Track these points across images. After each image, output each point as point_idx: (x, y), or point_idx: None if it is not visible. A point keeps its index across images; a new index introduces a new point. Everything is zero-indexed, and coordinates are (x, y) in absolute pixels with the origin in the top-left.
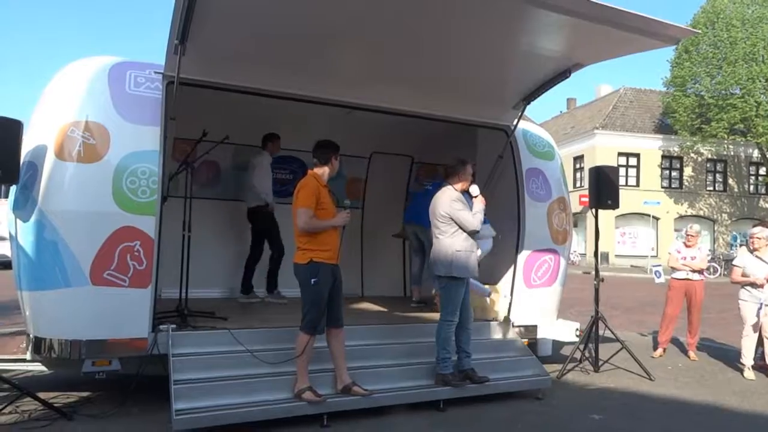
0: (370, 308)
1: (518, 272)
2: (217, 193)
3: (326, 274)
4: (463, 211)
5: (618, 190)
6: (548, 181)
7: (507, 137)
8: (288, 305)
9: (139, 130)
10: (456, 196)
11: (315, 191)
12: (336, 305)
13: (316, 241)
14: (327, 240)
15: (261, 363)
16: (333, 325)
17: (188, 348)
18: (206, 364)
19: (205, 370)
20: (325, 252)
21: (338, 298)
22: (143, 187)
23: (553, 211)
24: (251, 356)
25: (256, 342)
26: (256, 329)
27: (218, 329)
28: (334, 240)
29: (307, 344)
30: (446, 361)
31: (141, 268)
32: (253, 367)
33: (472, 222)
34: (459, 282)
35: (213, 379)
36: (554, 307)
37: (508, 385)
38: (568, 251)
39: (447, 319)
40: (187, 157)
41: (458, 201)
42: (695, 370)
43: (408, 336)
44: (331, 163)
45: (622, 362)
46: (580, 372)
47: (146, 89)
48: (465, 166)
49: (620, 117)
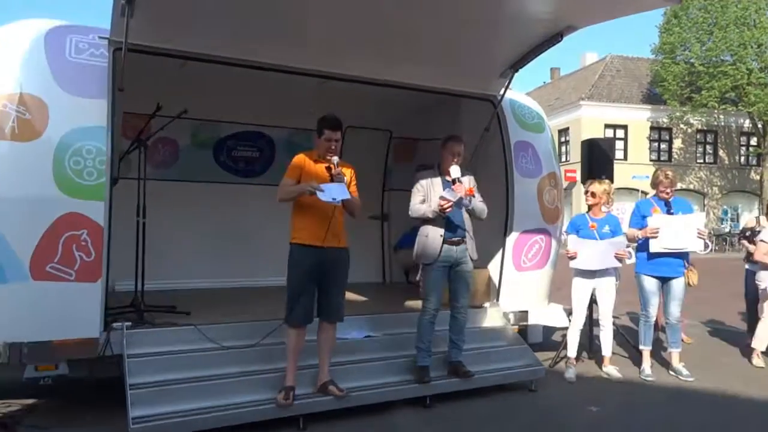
0: (348, 297)
1: (507, 254)
2: (176, 174)
3: (303, 257)
4: (413, 196)
5: (613, 164)
6: (538, 155)
7: (494, 108)
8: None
9: (83, 103)
10: (420, 180)
11: (299, 164)
12: (327, 296)
13: (295, 219)
14: (306, 218)
15: (230, 362)
16: (324, 318)
17: (146, 347)
18: (167, 365)
19: (165, 371)
20: (302, 231)
21: (332, 287)
22: (89, 168)
23: (544, 188)
24: (219, 354)
25: (224, 338)
26: (224, 324)
27: (180, 325)
28: (316, 218)
29: (290, 338)
30: (420, 352)
31: (89, 260)
32: (221, 367)
33: (411, 209)
34: (428, 268)
35: (175, 381)
36: (545, 291)
37: (499, 378)
38: (559, 231)
39: (423, 307)
40: (140, 133)
41: (418, 185)
42: (693, 353)
43: (390, 326)
44: (320, 140)
45: (619, 347)
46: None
47: (90, 57)
48: (445, 144)
49: (607, 87)
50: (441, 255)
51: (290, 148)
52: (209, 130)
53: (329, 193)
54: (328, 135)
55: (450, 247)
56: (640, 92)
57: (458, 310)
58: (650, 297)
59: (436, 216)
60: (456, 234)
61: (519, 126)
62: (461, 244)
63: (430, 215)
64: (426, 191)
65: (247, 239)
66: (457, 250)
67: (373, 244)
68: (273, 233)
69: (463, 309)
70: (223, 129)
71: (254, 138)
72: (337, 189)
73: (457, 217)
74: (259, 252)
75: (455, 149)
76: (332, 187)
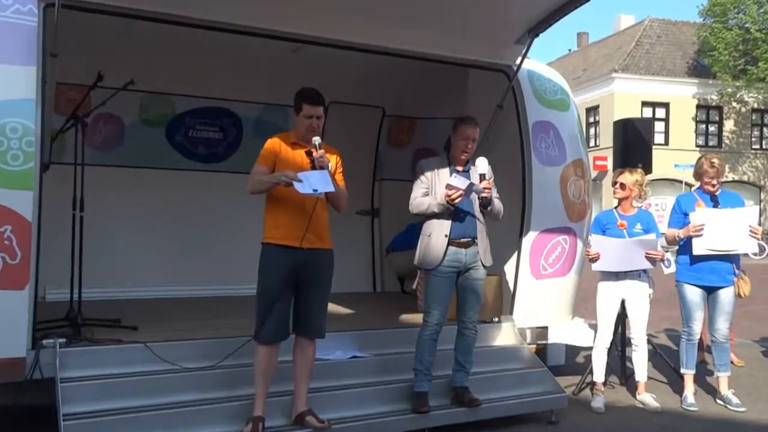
0: (331, 309)
1: (523, 258)
2: (120, 159)
3: (277, 260)
4: (414, 189)
5: (651, 149)
6: (562, 139)
7: (508, 81)
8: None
9: (6, 71)
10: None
11: (273, 148)
12: (306, 307)
13: (268, 215)
14: (281, 214)
15: (186, 387)
16: (302, 334)
17: (84, 369)
18: (109, 391)
19: (107, 398)
20: (276, 229)
21: (312, 297)
22: (14, 150)
23: (569, 178)
24: (173, 378)
25: (179, 358)
26: (180, 341)
27: (126, 342)
28: (293, 214)
29: (259, 358)
30: (418, 376)
31: (14, 263)
32: (176, 393)
33: (412, 204)
34: (430, 274)
35: (119, 411)
36: (569, 303)
37: (512, 407)
38: (586, 229)
39: (423, 321)
40: (77, 109)
41: (421, 175)
42: (745, 377)
43: (382, 344)
44: (298, 117)
45: (656, 371)
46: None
47: (15, 14)
48: (457, 128)
49: (645, 56)
50: (446, 259)
51: (260, 127)
52: (161, 105)
53: (309, 184)
54: (307, 111)
55: (458, 250)
56: (684, 63)
57: (466, 325)
58: (693, 310)
59: (443, 209)
60: (465, 233)
61: (539, 103)
62: (472, 246)
63: (436, 209)
64: (431, 183)
65: (209, 238)
66: (466, 253)
67: (362, 244)
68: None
69: (472, 324)
70: (178, 104)
71: (217, 115)
72: (319, 178)
73: (468, 213)
74: (224, 254)
75: (468, 133)
76: (313, 175)
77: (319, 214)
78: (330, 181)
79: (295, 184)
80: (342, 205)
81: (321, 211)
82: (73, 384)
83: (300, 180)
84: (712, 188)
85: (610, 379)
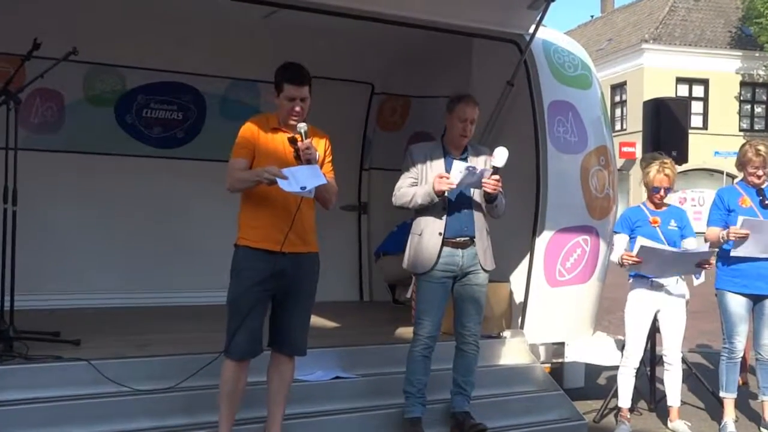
0: (312, 322)
1: (536, 263)
2: (61, 142)
3: (254, 265)
4: (401, 178)
5: (687, 134)
6: (582, 122)
7: (520, 53)
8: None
9: None
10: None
11: (250, 136)
12: (285, 319)
13: (245, 213)
14: (259, 213)
15: (139, 412)
16: (278, 349)
17: (17, 391)
18: (48, 416)
19: (45, 425)
20: (253, 230)
21: (292, 307)
22: None
23: (590, 168)
24: (123, 401)
25: (130, 378)
26: (131, 358)
27: (67, 360)
28: (274, 213)
29: (226, 377)
30: (409, 399)
31: None
32: (126, 419)
33: (395, 195)
34: (422, 279)
35: None
36: (590, 315)
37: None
38: (610, 228)
39: (414, 333)
40: (8, 83)
41: (409, 161)
42: None
43: (369, 363)
44: (279, 99)
45: (690, 394)
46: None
47: None
48: (451, 107)
49: (680, 24)
50: (440, 261)
51: (227, 106)
52: (109, 79)
53: (296, 180)
54: (289, 92)
55: (453, 251)
56: (726, 33)
57: (465, 339)
58: (736, 323)
59: (429, 201)
60: (462, 231)
61: (555, 79)
62: (469, 246)
63: (420, 200)
64: (420, 172)
65: (167, 237)
66: (463, 254)
67: (347, 246)
68: (206, 228)
69: (473, 339)
70: (129, 78)
71: (175, 91)
72: (308, 173)
73: (464, 207)
74: (186, 255)
75: (466, 113)
76: (300, 171)
77: (304, 213)
78: (320, 173)
79: (279, 182)
80: (331, 200)
81: (306, 210)
82: (3, 408)
83: (285, 177)
84: (757, 180)
85: (638, 405)
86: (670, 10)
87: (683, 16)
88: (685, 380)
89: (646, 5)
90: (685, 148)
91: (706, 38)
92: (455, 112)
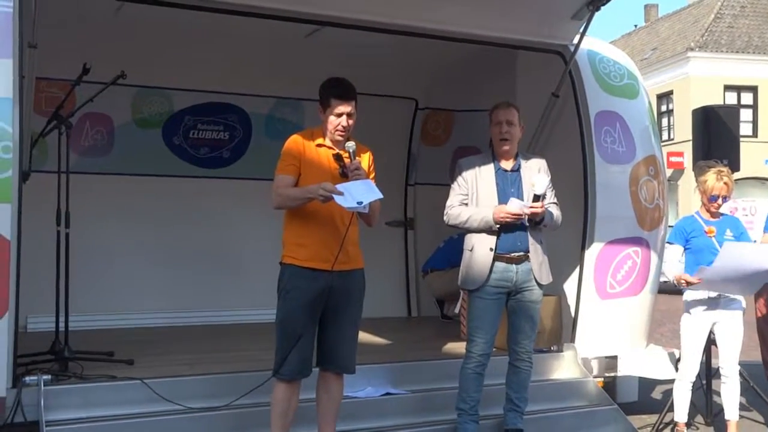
0: (360, 338)
1: (587, 275)
2: (111, 165)
3: (303, 284)
4: (451, 195)
5: (739, 143)
6: (630, 132)
7: (565, 64)
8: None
9: None
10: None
11: (295, 150)
12: (335, 337)
13: (291, 231)
14: (308, 231)
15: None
16: (328, 368)
17: (72, 410)
18: None
19: None
20: (301, 249)
21: (341, 325)
22: None
23: (640, 178)
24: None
25: (184, 396)
26: (184, 377)
27: (121, 379)
28: (324, 231)
29: (278, 398)
30: (462, 416)
31: None
32: None
33: (448, 215)
34: (474, 295)
35: None
36: (643, 328)
37: None
38: (662, 239)
39: (467, 351)
40: (60, 108)
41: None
42: None
43: (419, 379)
44: (325, 114)
45: (749, 408)
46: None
47: None
48: (491, 116)
49: (727, 31)
50: (492, 277)
51: (272, 125)
52: (157, 101)
53: (352, 196)
54: (337, 107)
55: (507, 266)
56: None
57: (520, 356)
58: None
59: (487, 227)
60: (516, 247)
61: (602, 89)
62: (524, 261)
63: (477, 225)
64: (470, 186)
65: (215, 256)
66: (517, 270)
67: (394, 262)
68: (253, 247)
69: (527, 356)
70: (176, 100)
71: (221, 112)
72: (363, 188)
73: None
74: (234, 275)
75: (500, 117)
76: (355, 186)
77: (350, 230)
78: (375, 188)
79: (336, 198)
80: (375, 216)
81: (352, 226)
82: (60, 428)
83: (341, 193)
84: None
85: (694, 419)
86: (716, 17)
87: (729, 23)
88: (743, 393)
89: (691, 13)
90: (736, 157)
91: (753, 45)
92: (492, 119)
